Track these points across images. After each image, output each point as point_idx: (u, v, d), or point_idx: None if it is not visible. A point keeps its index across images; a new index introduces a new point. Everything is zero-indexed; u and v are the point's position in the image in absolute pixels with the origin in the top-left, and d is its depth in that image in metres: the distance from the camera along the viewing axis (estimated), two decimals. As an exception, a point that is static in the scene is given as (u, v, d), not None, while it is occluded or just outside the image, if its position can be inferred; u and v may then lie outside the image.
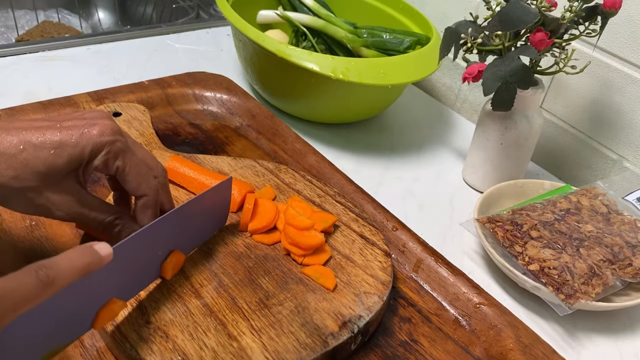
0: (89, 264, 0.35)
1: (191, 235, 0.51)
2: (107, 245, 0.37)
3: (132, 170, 0.45)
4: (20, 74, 0.82)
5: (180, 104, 0.78)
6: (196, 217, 0.50)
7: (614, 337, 0.56)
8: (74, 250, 0.35)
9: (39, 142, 0.41)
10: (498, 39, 0.63)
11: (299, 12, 0.86)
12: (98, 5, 1.26)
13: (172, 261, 0.48)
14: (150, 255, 0.46)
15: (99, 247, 0.37)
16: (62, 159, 0.42)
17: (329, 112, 0.79)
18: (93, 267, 0.36)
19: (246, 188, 0.59)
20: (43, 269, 0.32)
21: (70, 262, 0.34)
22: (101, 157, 0.43)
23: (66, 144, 0.42)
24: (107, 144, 0.43)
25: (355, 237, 0.57)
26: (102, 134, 0.43)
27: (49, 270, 0.32)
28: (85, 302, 0.39)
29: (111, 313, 0.41)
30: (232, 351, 0.44)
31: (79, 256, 0.35)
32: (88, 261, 0.35)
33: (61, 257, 0.34)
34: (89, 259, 0.36)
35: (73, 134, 0.42)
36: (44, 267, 0.32)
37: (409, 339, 0.52)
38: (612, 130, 0.72)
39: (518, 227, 0.58)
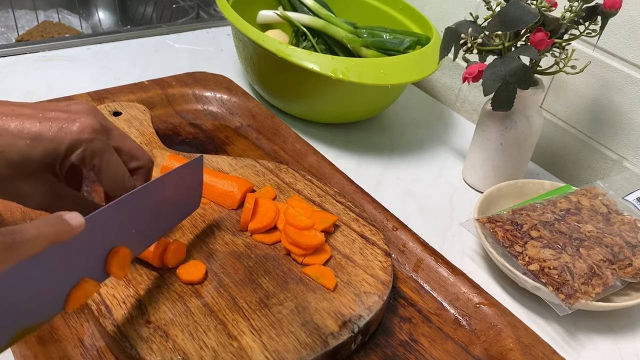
0: (58, 232, 0.35)
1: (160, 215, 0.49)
2: (78, 215, 0.36)
3: (107, 171, 0.44)
4: (20, 74, 0.82)
5: (181, 104, 0.78)
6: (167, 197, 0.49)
7: (614, 337, 0.56)
8: (44, 219, 0.34)
9: (16, 130, 0.41)
10: (498, 39, 0.63)
11: (299, 12, 0.86)
12: (98, 5, 1.26)
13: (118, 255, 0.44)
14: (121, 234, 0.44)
15: (70, 217, 0.35)
16: (37, 151, 0.41)
17: (329, 112, 0.79)
18: (62, 236, 0.35)
19: (246, 185, 0.59)
20: (9, 234, 0.32)
21: (37, 230, 0.33)
22: (77, 155, 0.42)
23: (43, 137, 0.41)
24: (84, 142, 0.42)
25: (355, 237, 0.57)
26: (82, 131, 0.42)
27: (14, 235, 0.32)
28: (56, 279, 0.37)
29: (84, 293, 0.39)
30: (233, 351, 0.44)
31: (47, 224, 0.34)
32: (57, 230, 0.35)
33: (30, 224, 0.33)
34: (58, 227, 0.35)
35: (52, 126, 0.41)
36: (10, 232, 0.32)
37: (409, 339, 0.52)
38: (612, 130, 0.72)
39: (518, 227, 0.58)
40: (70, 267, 0.38)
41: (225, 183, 0.59)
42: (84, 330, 0.47)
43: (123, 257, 0.42)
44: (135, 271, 0.50)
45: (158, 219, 0.48)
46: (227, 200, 0.58)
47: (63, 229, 0.35)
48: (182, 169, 0.49)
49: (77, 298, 0.38)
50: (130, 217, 0.44)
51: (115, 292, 0.48)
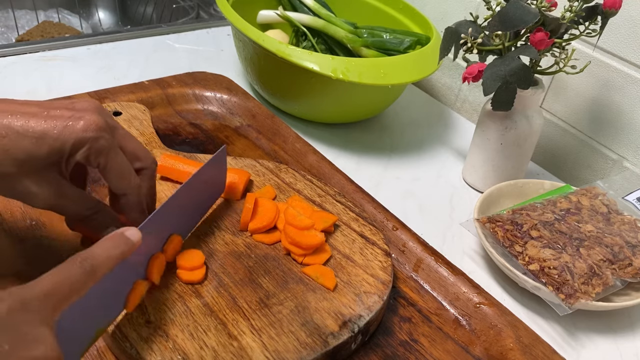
0: (124, 250, 0.38)
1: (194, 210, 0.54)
2: (136, 231, 0.40)
3: (114, 169, 0.44)
4: (20, 74, 0.82)
5: (181, 104, 0.78)
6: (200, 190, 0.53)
7: (614, 337, 0.56)
8: (109, 240, 0.38)
9: (22, 129, 0.41)
10: (498, 39, 0.63)
11: (299, 12, 0.86)
12: (98, 5, 1.26)
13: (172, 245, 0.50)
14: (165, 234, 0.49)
15: (130, 234, 0.39)
16: (42, 150, 0.41)
17: (329, 112, 0.79)
18: (127, 253, 0.39)
19: (245, 175, 0.60)
20: (86, 260, 0.35)
21: (108, 251, 0.37)
22: (82, 153, 0.42)
23: (48, 135, 0.41)
24: (89, 140, 0.42)
25: (355, 237, 0.57)
26: (86, 130, 0.42)
27: (92, 261, 0.35)
28: (117, 286, 0.42)
29: (139, 293, 0.44)
30: (233, 350, 0.44)
31: (114, 245, 0.38)
32: (122, 248, 0.38)
33: (98, 247, 0.37)
34: (123, 246, 0.38)
35: (57, 125, 0.41)
36: (86, 259, 0.35)
37: (409, 339, 0.52)
38: (612, 130, 0.72)
39: (518, 227, 0.58)
40: (126, 274, 0.43)
41: None
42: (84, 330, 0.47)
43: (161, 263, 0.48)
44: (135, 271, 0.50)
45: (194, 212, 0.54)
46: (229, 191, 0.59)
47: (127, 247, 0.39)
48: (211, 162, 0.54)
49: (135, 298, 0.44)
50: (173, 217, 0.49)
51: (115, 292, 0.48)
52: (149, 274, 0.46)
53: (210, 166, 0.54)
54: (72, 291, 0.34)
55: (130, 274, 0.44)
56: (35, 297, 0.32)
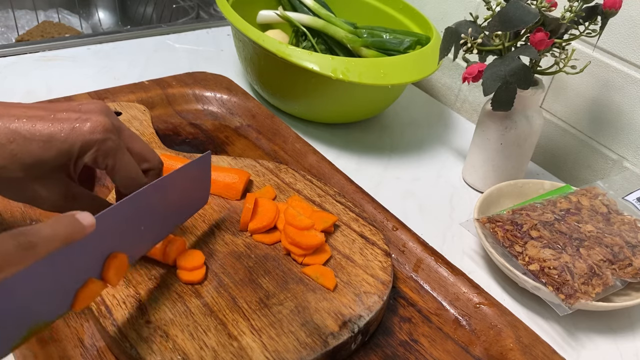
0: (71, 232, 0.35)
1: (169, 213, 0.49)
2: (89, 215, 0.36)
3: (121, 170, 0.44)
4: (20, 74, 0.82)
5: (181, 104, 0.78)
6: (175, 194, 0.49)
7: (614, 337, 0.56)
8: (56, 219, 0.35)
9: (29, 133, 0.41)
10: (498, 39, 0.63)
11: (299, 12, 0.86)
12: (98, 5, 1.26)
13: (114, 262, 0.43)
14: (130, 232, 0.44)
15: (82, 217, 0.36)
16: (50, 153, 0.41)
17: (329, 112, 0.79)
18: (75, 236, 0.35)
19: (245, 175, 0.60)
20: (24, 235, 0.32)
21: (52, 230, 0.34)
22: (90, 155, 0.42)
23: (55, 138, 0.41)
24: (97, 142, 0.42)
25: (355, 237, 0.57)
26: (93, 131, 0.42)
27: (29, 236, 0.32)
28: (64, 279, 0.37)
29: (91, 293, 0.39)
30: (233, 351, 0.44)
31: (60, 224, 0.34)
32: (70, 229, 0.35)
33: (43, 224, 0.34)
34: (71, 227, 0.35)
35: (64, 127, 0.41)
36: (24, 233, 0.32)
37: (409, 339, 0.52)
38: (612, 130, 0.72)
39: (518, 227, 0.58)
40: (77, 267, 0.38)
41: (225, 175, 0.60)
42: (84, 330, 0.47)
43: (121, 264, 0.42)
44: (135, 271, 0.50)
45: (167, 217, 0.49)
46: (229, 192, 0.59)
47: (76, 229, 0.35)
48: (191, 166, 0.49)
49: (85, 298, 0.38)
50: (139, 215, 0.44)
51: (115, 292, 0.48)
52: (104, 273, 0.41)
53: (191, 169, 0.50)
54: (2, 264, 0.31)
55: (83, 269, 0.39)
56: None
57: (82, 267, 0.38)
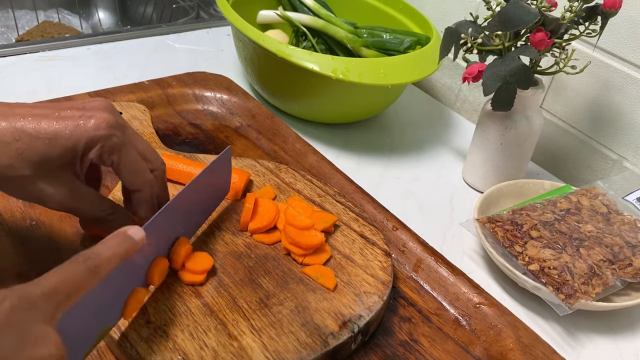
0: (127, 249, 0.38)
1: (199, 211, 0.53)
2: (139, 229, 0.39)
3: (127, 165, 0.44)
4: (20, 74, 0.82)
5: (181, 104, 0.78)
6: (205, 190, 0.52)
7: (614, 337, 0.56)
8: (112, 238, 0.38)
9: (34, 131, 0.41)
10: (498, 39, 0.63)
11: (299, 12, 0.86)
12: (98, 5, 1.26)
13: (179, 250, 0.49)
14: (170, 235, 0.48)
15: (133, 232, 0.39)
16: (55, 150, 0.41)
17: (329, 112, 0.79)
18: (130, 253, 0.38)
19: (245, 175, 0.60)
20: (90, 259, 0.35)
21: (111, 250, 0.37)
22: (95, 151, 0.43)
23: (60, 135, 0.41)
24: (102, 138, 0.42)
25: (355, 237, 0.57)
26: (98, 128, 0.42)
27: (94, 260, 0.35)
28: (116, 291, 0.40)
29: (138, 301, 0.43)
30: (233, 351, 0.44)
31: (117, 243, 0.37)
32: (126, 247, 0.38)
33: (102, 245, 0.37)
34: (127, 244, 0.38)
35: (68, 125, 0.42)
36: (90, 257, 0.35)
37: (409, 339, 0.52)
38: (612, 130, 0.72)
39: (518, 227, 0.58)
40: (127, 279, 0.41)
41: None
42: (84, 330, 0.47)
43: (163, 268, 0.46)
44: (135, 271, 0.50)
45: (198, 213, 0.53)
46: (229, 192, 0.59)
47: (130, 245, 0.38)
48: (217, 163, 0.53)
49: (133, 306, 0.42)
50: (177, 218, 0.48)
51: (115, 292, 0.48)
52: (149, 277, 0.45)
53: (216, 167, 0.53)
54: (76, 290, 0.34)
55: (130, 279, 0.42)
56: (39, 294, 0.32)
57: (130, 278, 0.42)
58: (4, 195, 0.57)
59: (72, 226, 0.56)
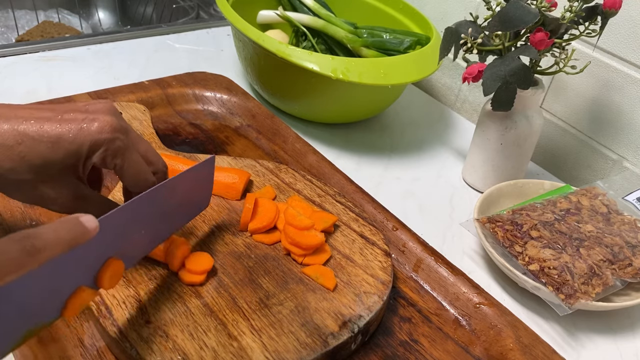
0: (75, 236, 0.34)
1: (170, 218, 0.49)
2: (93, 218, 0.36)
3: (130, 168, 0.44)
4: (20, 74, 0.82)
5: (181, 104, 0.78)
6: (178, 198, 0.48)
7: (614, 337, 0.56)
8: (60, 222, 0.34)
9: (37, 135, 0.41)
10: (498, 39, 0.63)
11: (299, 12, 0.86)
12: (98, 5, 1.26)
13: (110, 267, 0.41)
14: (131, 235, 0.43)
15: (85, 220, 0.35)
16: (58, 154, 0.41)
17: (329, 112, 0.79)
18: (79, 240, 0.35)
19: (245, 175, 0.60)
20: (28, 239, 0.31)
21: (56, 234, 0.33)
22: (98, 155, 0.42)
23: (63, 139, 0.41)
24: (105, 142, 0.42)
25: (355, 237, 0.57)
26: (101, 131, 0.42)
27: (34, 240, 0.32)
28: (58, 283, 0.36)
29: (81, 301, 0.38)
30: (233, 351, 0.44)
31: (65, 228, 0.34)
32: (74, 233, 0.34)
33: (47, 227, 0.33)
34: (76, 231, 0.34)
35: (71, 128, 0.41)
36: (29, 237, 0.31)
37: (409, 339, 0.52)
38: (612, 130, 0.72)
39: (518, 227, 0.58)
40: (72, 271, 0.37)
41: (225, 175, 0.60)
42: (84, 330, 0.47)
43: (117, 270, 0.41)
44: (135, 271, 0.50)
45: (168, 220, 0.48)
46: (229, 192, 0.59)
47: (80, 233, 0.35)
48: (194, 170, 0.49)
49: (75, 306, 0.38)
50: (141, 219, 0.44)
51: (115, 292, 0.48)
52: (99, 278, 0.40)
53: (195, 172, 0.50)
54: (6, 268, 0.30)
55: (75, 275, 0.38)
56: None
57: (77, 271, 0.38)
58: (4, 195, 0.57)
59: (72, 226, 0.56)
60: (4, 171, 0.41)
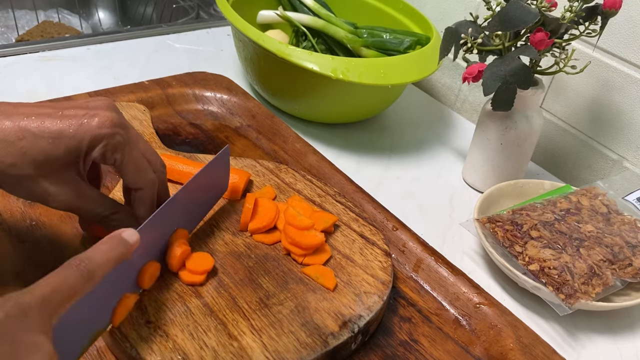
0: (121, 252, 0.37)
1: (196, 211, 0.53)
2: (134, 232, 0.39)
3: (130, 164, 0.44)
4: (20, 74, 0.82)
5: (181, 104, 0.78)
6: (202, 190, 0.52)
7: (614, 337, 0.56)
8: (106, 242, 0.37)
9: (38, 130, 0.41)
10: (498, 39, 0.63)
11: (299, 12, 0.86)
12: (98, 5, 1.26)
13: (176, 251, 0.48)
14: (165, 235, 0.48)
15: (127, 235, 0.38)
16: (59, 149, 0.41)
17: (329, 112, 0.79)
18: (125, 255, 0.38)
19: (245, 175, 0.60)
20: (83, 263, 0.34)
21: (105, 254, 0.36)
22: (99, 150, 0.43)
23: (64, 135, 0.41)
24: (105, 137, 0.42)
25: (355, 237, 0.57)
26: (101, 126, 0.42)
27: (88, 264, 0.34)
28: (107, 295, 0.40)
29: (126, 308, 0.42)
30: (233, 351, 0.44)
31: (111, 247, 0.37)
32: (120, 250, 0.37)
33: (95, 250, 0.36)
34: (121, 248, 0.37)
35: (72, 124, 0.42)
36: (83, 261, 0.34)
37: (409, 339, 0.52)
38: (612, 130, 0.72)
39: (518, 227, 0.58)
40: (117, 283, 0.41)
41: None
42: (84, 330, 0.47)
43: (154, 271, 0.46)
44: (135, 271, 0.50)
45: (195, 212, 0.52)
46: (229, 192, 0.59)
47: (125, 248, 0.38)
48: (214, 162, 0.52)
49: (121, 312, 0.42)
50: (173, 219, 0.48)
51: (115, 292, 0.48)
52: (140, 280, 0.45)
53: (213, 166, 0.53)
54: (69, 296, 0.33)
55: (120, 283, 0.42)
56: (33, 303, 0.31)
57: (121, 280, 0.41)
58: (4, 195, 0.57)
59: (72, 226, 0.56)
60: (6, 167, 0.41)
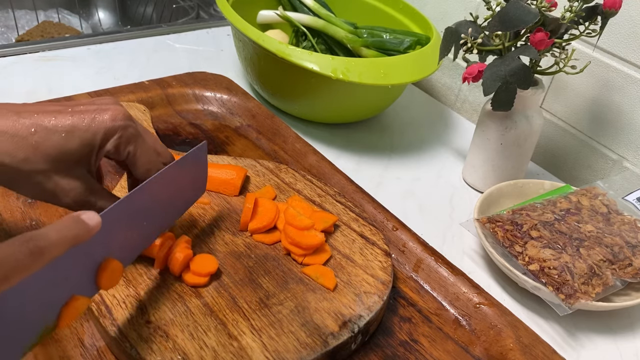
0: (78, 234, 0.34)
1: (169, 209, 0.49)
2: (95, 214, 0.36)
3: (143, 155, 0.45)
4: (20, 74, 0.82)
5: (181, 104, 0.78)
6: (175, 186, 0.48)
7: (614, 337, 0.56)
8: (63, 221, 0.34)
9: (51, 125, 0.41)
10: (498, 39, 0.63)
11: (299, 12, 0.86)
12: (98, 5, 1.26)
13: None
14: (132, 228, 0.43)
15: (87, 217, 0.35)
16: (73, 143, 0.42)
17: (329, 112, 0.79)
18: (82, 238, 0.35)
19: (242, 171, 0.60)
20: (32, 240, 0.31)
21: (59, 233, 0.33)
22: (113, 142, 0.43)
23: (78, 128, 0.42)
24: (119, 129, 0.43)
25: (355, 237, 0.57)
26: (115, 119, 0.43)
27: (38, 241, 0.32)
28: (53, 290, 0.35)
29: (75, 311, 0.37)
30: (233, 351, 0.44)
31: (67, 226, 0.34)
32: (76, 232, 0.34)
33: (50, 228, 0.33)
34: (78, 229, 0.34)
35: (85, 118, 0.42)
36: (33, 238, 0.32)
37: (409, 339, 0.52)
38: (612, 130, 0.72)
39: (518, 227, 0.58)
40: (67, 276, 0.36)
41: (223, 172, 0.60)
42: (84, 330, 0.47)
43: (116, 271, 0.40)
44: (135, 271, 0.50)
45: (167, 209, 0.49)
46: (227, 188, 0.59)
47: (82, 230, 0.35)
48: (188, 157, 0.50)
49: (70, 314, 0.36)
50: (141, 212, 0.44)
51: (115, 292, 0.48)
52: (99, 278, 0.39)
53: (188, 162, 0.50)
54: (13, 271, 0.30)
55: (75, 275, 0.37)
56: None
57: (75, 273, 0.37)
58: (4, 195, 0.57)
59: (72, 226, 0.56)
60: (18, 162, 0.41)
